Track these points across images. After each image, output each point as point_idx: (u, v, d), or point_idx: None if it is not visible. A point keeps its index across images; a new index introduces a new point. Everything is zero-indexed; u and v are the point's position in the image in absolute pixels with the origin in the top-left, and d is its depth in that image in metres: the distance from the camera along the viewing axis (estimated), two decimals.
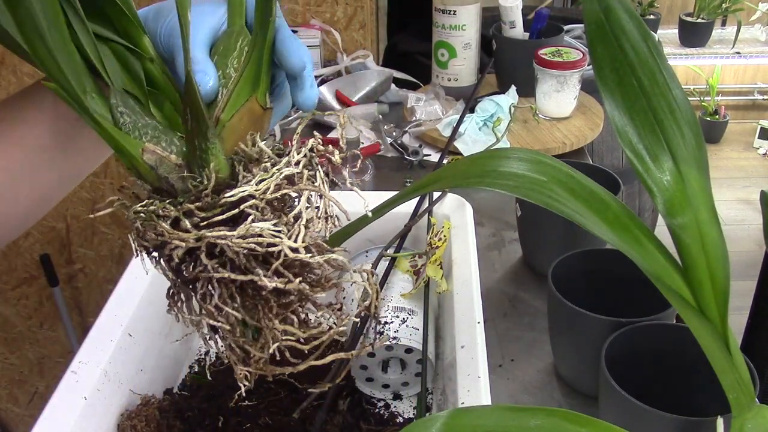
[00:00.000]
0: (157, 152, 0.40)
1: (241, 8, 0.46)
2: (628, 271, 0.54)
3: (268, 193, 0.39)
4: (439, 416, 0.38)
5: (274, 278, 0.39)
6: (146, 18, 0.46)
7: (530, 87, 1.22)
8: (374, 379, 0.68)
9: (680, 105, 0.46)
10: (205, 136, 0.39)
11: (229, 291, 0.40)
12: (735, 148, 3.26)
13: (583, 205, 0.43)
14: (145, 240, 0.40)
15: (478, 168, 0.46)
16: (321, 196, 0.42)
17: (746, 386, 0.43)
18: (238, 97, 0.43)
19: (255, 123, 0.43)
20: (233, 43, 0.44)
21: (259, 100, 0.43)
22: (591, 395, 0.70)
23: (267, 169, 0.40)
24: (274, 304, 0.41)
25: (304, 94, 0.46)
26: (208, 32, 0.45)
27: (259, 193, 0.39)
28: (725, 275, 0.44)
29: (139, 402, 0.63)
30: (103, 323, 0.63)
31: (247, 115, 0.43)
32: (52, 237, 1.56)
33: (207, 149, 0.40)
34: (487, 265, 0.90)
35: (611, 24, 0.46)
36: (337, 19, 1.49)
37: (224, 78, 0.43)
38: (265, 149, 0.41)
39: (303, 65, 0.44)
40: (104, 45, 0.43)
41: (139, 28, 0.44)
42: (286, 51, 0.44)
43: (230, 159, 0.41)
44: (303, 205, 0.40)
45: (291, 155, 0.41)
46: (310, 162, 0.42)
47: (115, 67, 0.43)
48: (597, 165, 0.88)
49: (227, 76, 0.43)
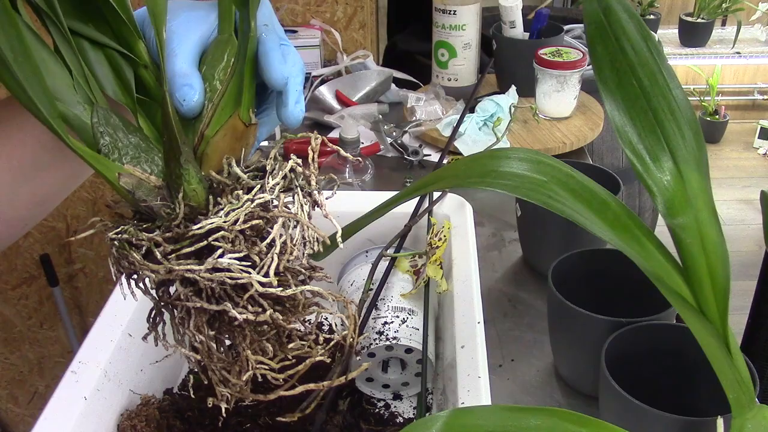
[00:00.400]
0: (136, 174, 0.39)
1: (230, 15, 0.43)
2: (628, 271, 0.54)
3: (238, 224, 0.38)
4: (439, 416, 0.38)
5: (245, 309, 0.38)
6: (143, 21, 0.44)
7: (530, 87, 1.22)
8: (374, 379, 0.68)
9: (680, 105, 0.46)
10: (177, 162, 0.38)
11: (203, 319, 0.39)
12: (735, 148, 3.26)
13: (583, 205, 0.43)
14: (121, 266, 0.39)
15: (478, 168, 0.46)
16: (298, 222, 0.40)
17: (746, 386, 0.43)
18: (223, 112, 0.41)
19: (238, 140, 0.42)
20: (221, 53, 0.43)
21: (242, 116, 0.42)
22: (591, 395, 0.70)
23: (239, 197, 0.38)
24: (248, 333, 0.40)
25: (287, 111, 0.43)
26: (196, 41, 0.43)
27: (228, 225, 0.37)
28: (725, 275, 0.45)
29: (139, 402, 0.63)
30: (103, 323, 0.63)
31: (230, 132, 0.42)
32: (52, 237, 1.56)
33: (180, 175, 0.38)
34: (487, 265, 0.90)
35: (611, 24, 0.46)
36: (337, 19, 1.49)
37: (211, 91, 0.42)
38: (241, 174, 0.40)
39: (284, 80, 0.42)
40: (99, 51, 0.41)
41: (135, 32, 0.42)
42: (266, 65, 0.42)
43: (208, 181, 0.40)
44: (276, 233, 0.39)
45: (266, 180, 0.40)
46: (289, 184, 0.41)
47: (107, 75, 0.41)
48: (597, 165, 0.88)
49: (214, 88, 0.42)
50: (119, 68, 0.42)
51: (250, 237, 0.39)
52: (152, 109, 0.43)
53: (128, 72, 0.42)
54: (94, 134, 0.39)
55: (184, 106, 0.40)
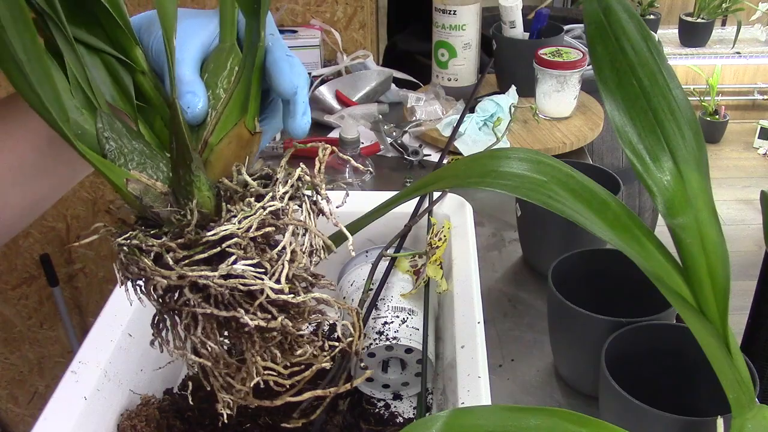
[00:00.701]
0: (143, 180, 0.39)
1: (232, 23, 0.43)
2: (628, 271, 0.54)
3: (251, 231, 0.38)
4: (439, 416, 0.38)
5: (256, 316, 0.38)
6: (139, 28, 0.44)
7: (530, 87, 1.22)
8: (374, 379, 0.68)
9: (680, 105, 0.46)
10: (188, 169, 0.38)
11: (212, 325, 0.39)
12: (735, 148, 3.26)
13: (583, 205, 0.43)
14: (129, 272, 0.39)
15: (478, 168, 0.46)
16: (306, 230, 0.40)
17: (746, 386, 0.43)
18: (227, 120, 0.41)
19: (243, 148, 0.42)
20: (223, 61, 0.43)
21: (248, 125, 0.42)
22: (591, 395, 0.70)
23: (251, 204, 0.39)
24: (257, 339, 0.40)
25: (294, 123, 0.43)
26: (198, 48, 0.43)
27: (241, 231, 0.38)
28: (725, 275, 0.45)
29: (139, 402, 0.63)
30: (103, 323, 0.63)
31: (235, 140, 0.42)
32: (52, 237, 1.56)
33: (191, 181, 0.39)
34: (487, 265, 0.90)
35: (611, 24, 0.46)
36: (337, 19, 1.49)
37: (214, 99, 0.42)
38: (250, 181, 0.40)
39: (294, 90, 0.42)
40: (96, 56, 0.41)
41: (132, 38, 0.42)
42: (277, 74, 0.42)
43: (216, 187, 0.40)
44: (287, 240, 0.39)
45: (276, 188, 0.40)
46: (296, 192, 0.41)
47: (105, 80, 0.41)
48: (597, 165, 0.88)
49: (217, 96, 0.42)
50: (116, 74, 0.42)
51: (260, 244, 0.39)
52: (150, 116, 0.42)
53: (126, 78, 0.42)
54: (99, 140, 0.39)
55: (188, 114, 0.40)
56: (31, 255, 1.56)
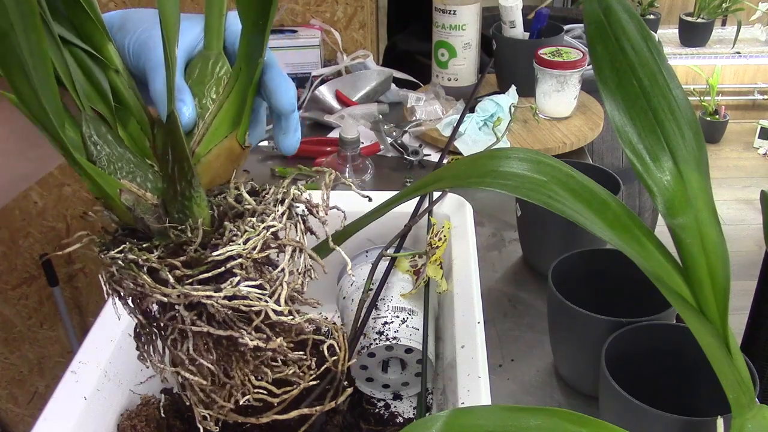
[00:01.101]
0: (134, 191, 0.38)
1: (219, 31, 0.42)
2: (628, 271, 0.54)
3: (255, 252, 0.38)
4: (439, 416, 0.38)
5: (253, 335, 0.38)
6: (111, 25, 0.42)
7: (530, 87, 1.22)
8: (374, 379, 0.68)
9: (680, 105, 0.46)
10: (189, 184, 0.37)
11: (205, 343, 0.39)
12: (735, 148, 3.26)
13: (583, 205, 0.43)
14: (122, 287, 0.38)
15: (478, 168, 0.46)
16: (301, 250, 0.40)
17: (746, 386, 0.43)
18: (216, 132, 0.40)
19: (232, 162, 0.41)
20: (210, 69, 0.41)
21: (239, 139, 0.41)
22: (591, 395, 0.70)
23: (254, 225, 0.38)
24: (250, 358, 0.40)
25: (287, 140, 0.43)
26: (182, 54, 0.41)
27: (246, 252, 0.37)
28: (725, 275, 0.45)
29: (139, 402, 0.63)
30: (103, 323, 0.63)
31: (225, 153, 0.41)
32: (52, 237, 1.56)
33: (190, 197, 0.38)
34: (487, 265, 0.90)
35: (611, 24, 0.46)
36: (337, 19, 1.49)
37: (200, 108, 0.40)
38: (248, 199, 0.39)
39: (293, 108, 0.42)
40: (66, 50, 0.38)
41: (104, 33, 0.40)
42: (277, 91, 0.41)
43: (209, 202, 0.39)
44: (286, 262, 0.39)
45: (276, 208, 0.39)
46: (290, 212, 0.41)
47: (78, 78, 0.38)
48: (597, 165, 0.88)
49: (203, 106, 0.40)
50: (90, 70, 0.39)
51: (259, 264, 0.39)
52: (125, 117, 0.41)
53: (100, 76, 0.40)
54: (86, 146, 0.37)
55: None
56: (31, 255, 1.56)
